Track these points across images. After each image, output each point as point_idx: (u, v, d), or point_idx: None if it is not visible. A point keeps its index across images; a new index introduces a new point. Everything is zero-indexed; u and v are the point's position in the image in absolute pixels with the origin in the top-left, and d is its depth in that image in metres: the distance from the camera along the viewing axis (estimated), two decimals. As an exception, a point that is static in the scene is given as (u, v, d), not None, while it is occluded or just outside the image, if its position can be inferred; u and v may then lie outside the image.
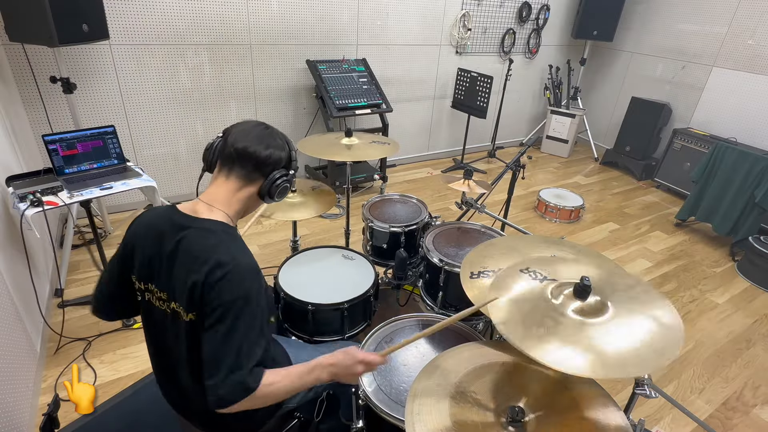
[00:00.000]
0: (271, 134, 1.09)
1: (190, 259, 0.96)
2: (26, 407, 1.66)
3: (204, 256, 0.95)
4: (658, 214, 3.92)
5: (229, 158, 1.05)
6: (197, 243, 0.97)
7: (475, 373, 1.03)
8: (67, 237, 2.64)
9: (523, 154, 2.47)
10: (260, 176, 1.07)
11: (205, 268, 0.93)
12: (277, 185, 1.09)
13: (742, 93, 3.99)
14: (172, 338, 1.05)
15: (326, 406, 1.40)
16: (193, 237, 0.98)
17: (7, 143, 2.23)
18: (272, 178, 1.08)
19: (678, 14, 4.37)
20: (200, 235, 0.99)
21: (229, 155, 1.05)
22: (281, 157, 1.09)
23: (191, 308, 0.97)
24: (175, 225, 1.01)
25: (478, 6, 4.23)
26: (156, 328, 1.08)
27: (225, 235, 1.00)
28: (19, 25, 2.14)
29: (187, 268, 0.96)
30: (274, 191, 1.09)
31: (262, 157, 1.05)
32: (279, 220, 3.21)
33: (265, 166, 1.07)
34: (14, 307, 1.77)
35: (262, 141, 1.06)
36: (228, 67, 3.27)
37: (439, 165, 4.63)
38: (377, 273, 1.78)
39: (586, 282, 1.01)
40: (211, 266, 0.93)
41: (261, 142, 1.06)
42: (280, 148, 1.09)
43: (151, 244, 1.02)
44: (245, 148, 1.04)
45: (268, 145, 1.06)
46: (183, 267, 0.97)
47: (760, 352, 2.40)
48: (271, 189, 1.09)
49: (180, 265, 0.98)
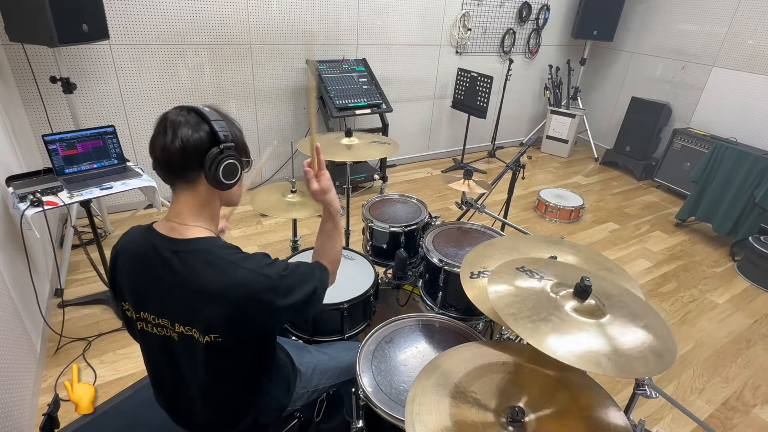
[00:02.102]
0: (174, 123, 0.91)
1: (197, 287, 0.92)
2: (26, 407, 1.66)
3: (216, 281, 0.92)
4: (658, 214, 3.92)
5: (162, 174, 0.95)
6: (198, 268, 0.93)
7: (475, 373, 1.03)
8: (67, 237, 2.64)
9: (523, 154, 2.47)
10: (197, 170, 0.94)
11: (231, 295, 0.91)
12: (217, 167, 0.93)
13: (742, 93, 3.99)
14: (183, 362, 1.02)
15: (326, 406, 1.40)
16: (189, 262, 0.93)
17: (7, 143, 2.23)
18: (207, 164, 0.93)
19: (678, 14, 4.37)
20: (195, 259, 0.93)
21: (160, 172, 0.95)
22: (199, 137, 0.92)
23: (212, 331, 0.95)
24: (159, 250, 0.95)
25: (478, 6, 4.23)
26: (162, 353, 1.05)
27: (219, 250, 0.95)
28: (19, 25, 2.14)
29: (197, 296, 0.93)
30: (218, 176, 0.94)
31: (177, 155, 0.91)
32: (279, 219, 3.22)
33: (188, 160, 0.92)
34: (14, 307, 1.77)
35: (167, 137, 0.91)
36: (228, 67, 3.27)
37: (439, 165, 4.63)
38: (377, 273, 1.78)
39: (587, 282, 1.01)
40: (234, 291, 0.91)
41: (167, 140, 0.91)
42: (192, 129, 0.91)
43: (139, 275, 0.98)
44: (162, 157, 0.92)
45: (173, 137, 0.90)
46: (188, 293, 0.93)
47: (760, 352, 2.40)
48: (215, 176, 0.94)
49: (182, 291, 0.94)
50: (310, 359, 1.33)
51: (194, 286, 0.92)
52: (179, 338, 0.99)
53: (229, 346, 0.97)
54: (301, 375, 1.27)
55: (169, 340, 1.00)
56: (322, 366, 1.33)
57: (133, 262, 0.99)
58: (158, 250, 0.95)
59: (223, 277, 0.92)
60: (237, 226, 3.16)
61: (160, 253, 0.95)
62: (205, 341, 0.96)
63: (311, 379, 1.30)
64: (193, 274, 0.93)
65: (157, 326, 1.00)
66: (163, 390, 1.15)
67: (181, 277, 0.93)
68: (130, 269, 1.00)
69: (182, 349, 1.00)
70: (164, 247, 0.95)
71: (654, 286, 2.90)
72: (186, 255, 0.94)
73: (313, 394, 1.32)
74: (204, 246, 0.95)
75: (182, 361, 1.03)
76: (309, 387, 1.29)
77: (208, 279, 0.92)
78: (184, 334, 0.97)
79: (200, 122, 0.93)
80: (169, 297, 0.96)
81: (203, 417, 1.11)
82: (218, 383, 1.05)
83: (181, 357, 1.02)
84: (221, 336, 0.95)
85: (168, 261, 0.94)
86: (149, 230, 0.99)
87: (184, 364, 1.03)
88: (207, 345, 0.96)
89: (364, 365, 1.27)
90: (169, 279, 0.94)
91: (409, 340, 1.39)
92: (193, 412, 1.11)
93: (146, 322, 1.01)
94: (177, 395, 1.11)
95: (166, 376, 1.09)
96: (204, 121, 0.93)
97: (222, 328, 0.94)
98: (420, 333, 1.42)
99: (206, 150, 0.93)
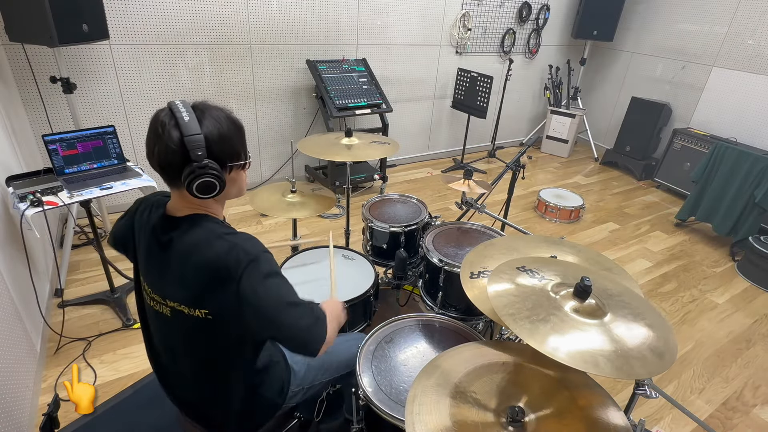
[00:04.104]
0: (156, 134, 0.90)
1: (191, 257, 0.95)
2: (26, 407, 1.66)
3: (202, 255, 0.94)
4: (658, 214, 3.92)
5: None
6: (193, 241, 0.95)
7: (475, 373, 1.03)
8: (67, 237, 2.64)
9: (523, 154, 2.47)
10: (178, 182, 0.93)
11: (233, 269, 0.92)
12: (191, 185, 0.92)
13: (742, 93, 3.99)
14: (175, 336, 1.05)
15: (326, 406, 1.40)
16: (185, 237, 0.96)
17: (7, 143, 2.23)
18: (182, 179, 0.91)
19: (678, 14, 4.37)
20: (190, 233, 0.96)
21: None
22: (173, 154, 0.89)
23: (200, 305, 0.96)
24: (163, 227, 0.99)
25: (478, 6, 4.23)
26: (155, 327, 1.09)
27: (214, 225, 0.98)
28: (19, 25, 2.14)
29: (185, 270, 0.95)
30: (194, 193, 0.93)
31: (159, 168, 0.93)
32: (279, 219, 3.22)
33: (169, 174, 0.93)
34: (14, 307, 1.77)
35: (151, 148, 0.92)
36: (228, 67, 3.27)
37: (439, 165, 4.63)
38: (377, 273, 1.78)
39: (587, 282, 1.01)
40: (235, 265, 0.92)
41: (151, 150, 0.92)
42: (167, 146, 0.89)
43: (145, 246, 1.02)
44: (149, 158, 0.94)
45: (153, 151, 0.91)
46: (178, 268, 0.96)
47: (760, 352, 2.40)
48: (192, 192, 0.93)
49: (174, 266, 0.97)
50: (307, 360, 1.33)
51: (183, 260, 0.95)
52: (171, 314, 1.01)
53: (217, 326, 0.98)
54: (294, 373, 1.26)
55: (163, 316, 1.03)
56: (317, 362, 1.31)
57: (145, 235, 1.03)
58: (163, 228, 0.99)
59: (208, 250, 0.94)
60: (237, 226, 3.16)
61: (165, 231, 0.99)
62: (195, 315, 0.97)
63: (306, 376, 1.28)
64: (185, 250, 0.96)
65: (152, 299, 1.04)
66: (159, 367, 1.17)
67: (174, 252, 0.97)
68: (143, 242, 1.04)
69: (174, 325, 1.02)
70: (167, 226, 0.99)
71: (654, 286, 2.90)
72: (183, 231, 0.97)
73: (309, 390, 1.30)
74: (199, 223, 0.98)
75: (177, 338, 1.05)
76: (304, 384, 1.28)
77: (197, 254, 0.94)
78: (175, 309, 1.00)
79: (175, 135, 0.89)
80: (164, 272, 0.99)
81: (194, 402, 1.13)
82: (206, 368, 1.06)
83: (173, 333, 1.05)
84: (210, 312, 0.96)
85: (167, 238, 0.98)
86: (158, 205, 1.03)
87: (178, 342, 1.06)
88: (196, 320, 0.98)
89: (364, 365, 1.27)
90: (166, 255, 0.98)
91: (409, 340, 1.39)
92: (186, 394, 1.14)
93: (147, 294, 1.05)
94: (171, 373, 1.14)
95: (161, 352, 1.12)
96: (179, 133, 0.89)
97: (209, 302, 0.95)
98: (420, 333, 1.42)
99: (180, 165, 0.91)
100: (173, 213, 1.00)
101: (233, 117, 1.00)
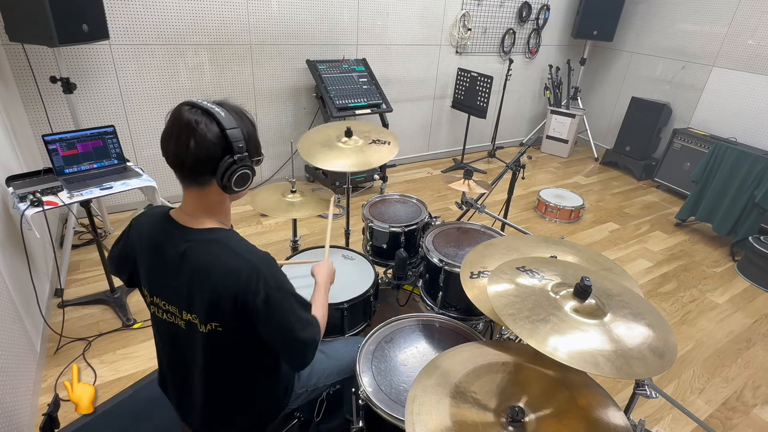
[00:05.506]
0: (188, 127, 0.88)
1: (208, 275, 0.94)
2: (26, 407, 1.66)
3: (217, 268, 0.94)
4: (658, 214, 3.92)
5: (175, 173, 0.95)
6: (209, 258, 0.95)
7: (475, 373, 1.03)
8: (67, 237, 2.64)
9: (523, 154, 2.47)
10: (209, 176, 0.93)
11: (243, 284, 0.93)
12: (230, 178, 0.93)
13: (742, 93, 3.99)
14: (188, 349, 1.05)
15: (326, 406, 1.40)
16: (200, 252, 0.96)
17: (7, 143, 2.23)
18: (220, 173, 0.92)
19: (678, 14, 4.37)
20: (206, 250, 0.96)
21: (173, 168, 0.94)
22: (213, 147, 0.90)
23: (213, 319, 0.97)
24: (173, 240, 0.98)
25: (478, 6, 4.23)
26: (169, 339, 1.09)
27: (229, 240, 0.98)
28: (19, 25, 2.14)
29: (206, 283, 0.95)
30: (230, 185, 0.95)
31: (190, 162, 0.90)
32: (279, 219, 3.22)
33: (201, 167, 0.92)
34: (14, 307, 1.77)
35: (180, 143, 0.89)
36: (228, 67, 3.27)
37: (439, 165, 4.63)
38: (377, 273, 1.78)
39: (587, 282, 1.01)
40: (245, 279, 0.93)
41: (180, 145, 0.89)
42: (206, 137, 0.89)
43: (154, 262, 1.01)
44: (174, 162, 0.92)
45: (186, 144, 0.89)
46: (198, 281, 0.96)
47: (760, 352, 2.40)
48: (227, 184, 0.94)
49: (193, 279, 0.96)
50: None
51: (201, 274, 0.95)
52: (186, 326, 1.01)
53: (228, 337, 0.99)
54: (299, 376, 1.28)
55: (177, 327, 1.03)
56: (320, 365, 1.33)
57: (150, 247, 1.02)
58: (173, 239, 0.98)
59: (224, 265, 0.94)
60: (237, 227, 3.16)
61: (175, 242, 0.98)
62: (207, 330, 0.98)
63: (310, 379, 1.30)
64: (202, 263, 0.95)
65: (166, 312, 1.03)
66: (168, 378, 1.17)
67: (190, 265, 0.96)
68: (146, 254, 1.03)
69: (187, 337, 1.03)
70: (179, 237, 0.98)
71: (654, 286, 2.90)
72: (198, 244, 0.97)
73: (312, 392, 1.32)
74: (216, 237, 0.98)
75: (187, 350, 1.05)
76: (308, 386, 1.30)
77: (213, 267, 0.94)
78: (190, 322, 1.00)
79: (214, 129, 0.90)
80: (179, 285, 0.98)
81: (202, 411, 1.12)
82: (217, 377, 1.07)
83: (186, 346, 1.04)
84: (221, 325, 0.98)
85: (180, 250, 0.97)
86: (166, 218, 1.02)
87: (188, 353, 1.05)
88: (208, 333, 0.99)
89: (364, 365, 1.27)
90: (180, 268, 0.97)
91: (409, 340, 1.39)
92: (193, 404, 1.13)
93: (158, 307, 1.04)
94: (180, 385, 1.13)
95: (172, 363, 1.12)
96: (218, 128, 0.90)
97: (221, 316, 0.96)
98: (420, 333, 1.42)
99: (219, 159, 0.91)
100: (184, 222, 0.99)
101: (250, 115, 1.04)
